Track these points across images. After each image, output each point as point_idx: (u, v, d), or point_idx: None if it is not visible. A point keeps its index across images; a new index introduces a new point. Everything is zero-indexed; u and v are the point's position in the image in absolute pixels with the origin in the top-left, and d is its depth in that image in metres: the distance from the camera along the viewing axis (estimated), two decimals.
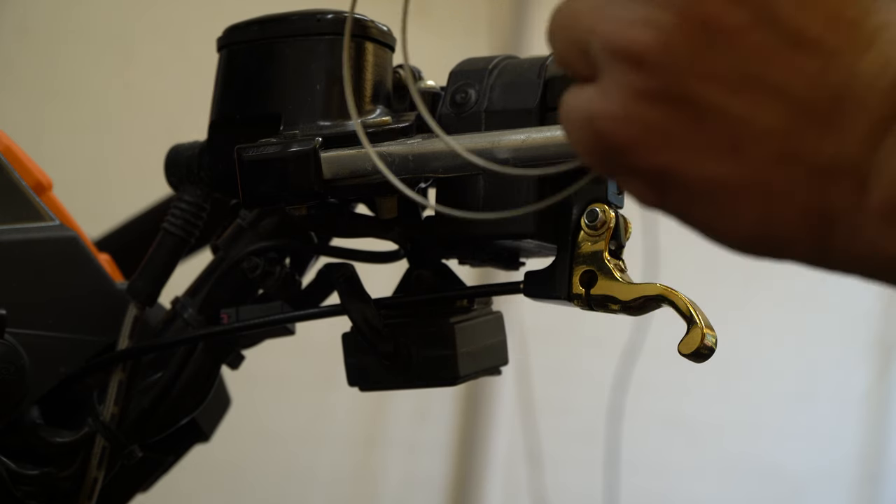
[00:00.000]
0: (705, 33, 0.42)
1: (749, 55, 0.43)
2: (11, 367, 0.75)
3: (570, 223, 0.69)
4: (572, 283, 0.69)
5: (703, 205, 0.45)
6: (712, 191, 0.44)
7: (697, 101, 0.43)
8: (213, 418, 0.86)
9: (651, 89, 0.43)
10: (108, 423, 0.79)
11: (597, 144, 0.45)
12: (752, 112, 0.43)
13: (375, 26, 0.74)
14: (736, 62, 0.43)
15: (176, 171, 0.81)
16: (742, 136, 0.43)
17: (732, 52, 0.43)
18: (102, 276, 0.82)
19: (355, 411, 2.74)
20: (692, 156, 0.44)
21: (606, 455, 2.70)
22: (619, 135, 0.44)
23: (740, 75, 0.43)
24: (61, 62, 2.37)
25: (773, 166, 0.43)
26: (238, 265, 0.78)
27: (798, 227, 0.44)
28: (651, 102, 0.43)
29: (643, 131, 0.44)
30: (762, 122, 0.43)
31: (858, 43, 0.42)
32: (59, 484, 0.79)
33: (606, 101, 0.44)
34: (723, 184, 0.44)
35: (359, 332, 0.74)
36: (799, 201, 0.43)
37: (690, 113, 0.43)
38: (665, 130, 0.44)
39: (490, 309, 0.79)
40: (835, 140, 0.43)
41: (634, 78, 0.43)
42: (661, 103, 0.43)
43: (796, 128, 0.43)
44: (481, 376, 0.77)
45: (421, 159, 0.67)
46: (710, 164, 0.44)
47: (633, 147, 0.44)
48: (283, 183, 0.70)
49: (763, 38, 0.42)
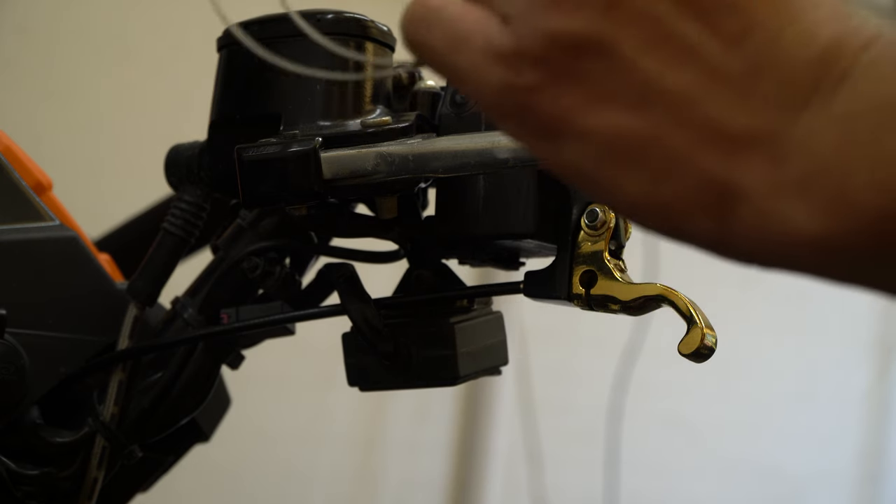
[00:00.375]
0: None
1: (670, 10, 0.41)
2: (11, 367, 0.75)
3: (570, 223, 0.69)
4: (572, 283, 0.69)
5: (595, 159, 0.43)
6: (606, 143, 0.42)
7: (610, 50, 0.41)
8: (213, 418, 0.86)
9: (565, 31, 0.42)
10: (108, 423, 0.79)
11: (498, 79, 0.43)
12: (662, 69, 0.41)
13: (376, 26, 0.74)
14: (654, 12, 0.41)
15: (176, 171, 0.81)
16: (648, 92, 0.41)
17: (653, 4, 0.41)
18: (102, 276, 0.82)
19: (355, 411, 2.74)
20: (594, 104, 0.42)
21: (606, 455, 2.70)
22: (526, 75, 0.42)
23: (656, 28, 0.41)
24: (61, 62, 2.37)
25: (674, 127, 0.41)
26: (238, 265, 0.78)
27: (694, 199, 0.42)
28: (564, 46, 0.42)
29: (551, 74, 0.42)
30: (671, 80, 0.41)
31: (785, 15, 0.41)
32: (59, 484, 0.79)
33: (519, 37, 0.42)
34: (618, 136, 0.42)
35: (359, 332, 0.74)
36: (698, 170, 0.41)
37: (602, 59, 0.42)
38: (573, 75, 0.42)
39: (490, 309, 0.79)
40: (748, 110, 0.41)
41: (551, 17, 0.42)
42: (573, 47, 0.42)
43: (706, 92, 0.41)
44: (481, 376, 0.77)
45: (421, 159, 0.67)
46: (610, 115, 0.42)
47: (536, 89, 0.42)
48: (283, 183, 0.70)
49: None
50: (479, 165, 0.65)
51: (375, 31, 0.74)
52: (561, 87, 0.42)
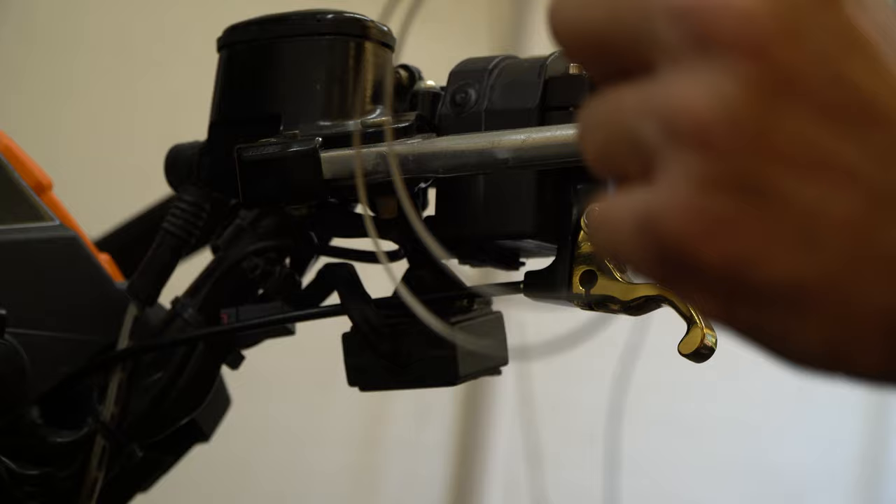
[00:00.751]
0: (775, 102, 0.37)
1: (820, 129, 0.37)
2: (11, 367, 0.75)
3: (570, 223, 0.69)
4: (572, 283, 0.69)
5: (775, 312, 0.38)
6: (785, 294, 0.38)
7: (767, 187, 0.37)
8: (213, 418, 0.86)
9: (719, 176, 0.37)
10: (108, 423, 0.79)
11: (657, 248, 0.39)
12: (826, 198, 0.37)
13: (375, 26, 0.74)
14: (806, 138, 0.37)
15: (176, 171, 0.80)
16: (816, 227, 0.37)
17: (803, 126, 0.37)
18: (102, 276, 0.82)
19: (355, 411, 2.74)
20: (761, 251, 0.38)
21: (606, 455, 2.70)
22: (684, 232, 0.38)
23: (809, 156, 0.37)
24: (62, 62, 2.37)
25: (850, 262, 0.37)
26: (238, 265, 0.78)
27: (872, 333, 0.38)
28: (718, 192, 0.37)
29: (710, 226, 0.38)
30: (837, 210, 0.37)
31: None
32: (59, 484, 0.79)
33: (670, 197, 0.38)
34: (797, 285, 0.38)
35: (359, 332, 0.74)
36: (876, 303, 0.38)
37: (760, 202, 0.37)
38: (733, 223, 0.37)
39: (490, 309, 0.79)
40: None
41: (700, 164, 0.37)
42: (729, 192, 0.37)
43: (872, 217, 0.37)
44: (481, 376, 0.77)
45: (421, 159, 0.67)
46: (783, 262, 0.38)
47: (699, 245, 0.38)
48: (284, 183, 0.70)
49: (832, 109, 0.37)
50: (478, 165, 0.65)
51: (375, 31, 0.74)
52: (724, 241, 0.38)
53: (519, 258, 0.77)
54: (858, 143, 0.37)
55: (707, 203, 0.37)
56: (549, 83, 0.69)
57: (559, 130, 0.62)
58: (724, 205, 0.37)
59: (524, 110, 0.69)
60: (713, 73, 0.37)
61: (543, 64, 0.70)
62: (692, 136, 0.37)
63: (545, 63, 0.70)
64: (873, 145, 0.37)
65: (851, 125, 0.37)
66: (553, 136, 0.62)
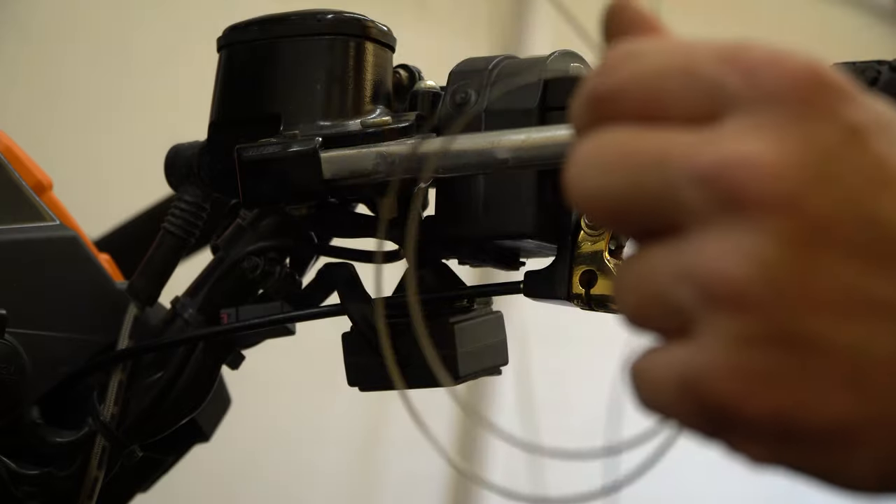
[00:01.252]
0: (810, 253, 0.37)
1: (855, 271, 0.37)
2: (11, 367, 0.75)
3: (570, 223, 0.69)
4: (572, 283, 0.69)
5: (825, 451, 0.38)
6: (835, 435, 0.37)
7: (807, 337, 0.37)
8: (213, 418, 0.86)
9: (758, 334, 0.37)
10: (108, 423, 0.79)
11: (701, 409, 0.38)
12: (868, 338, 0.37)
13: (376, 26, 0.74)
14: (843, 282, 0.37)
15: (176, 171, 0.80)
16: (861, 368, 0.37)
17: (838, 271, 0.37)
18: (102, 276, 0.82)
19: (355, 411, 2.74)
20: (808, 399, 0.37)
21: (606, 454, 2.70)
22: (727, 392, 0.37)
23: (847, 298, 0.37)
24: (61, 62, 2.37)
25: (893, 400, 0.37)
26: (238, 265, 0.78)
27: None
28: (759, 349, 0.37)
29: (753, 383, 0.37)
30: (880, 348, 0.37)
31: None
32: (59, 484, 0.79)
33: (708, 357, 0.37)
34: (846, 426, 0.37)
35: (359, 331, 0.74)
36: None
37: (801, 351, 0.37)
38: (776, 377, 0.37)
39: (490, 309, 0.79)
40: None
41: (738, 323, 0.37)
42: (769, 347, 0.37)
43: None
44: (481, 376, 0.77)
45: (421, 159, 0.67)
46: (831, 406, 0.37)
47: (743, 403, 0.37)
48: (284, 183, 0.70)
49: (866, 248, 0.37)
50: (478, 166, 0.65)
51: (376, 31, 0.74)
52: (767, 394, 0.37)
53: (519, 258, 0.77)
54: (891, 276, 0.37)
55: (748, 361, 0.37)
56: (549, 83, 0.69)
57: (559, 130, 0.62)
58: (766, 360, 0.37)
59: (524, 110, 0.69)
60: (745, 233, 0.36)
61: (543, 64, 0.70)
62: (729, 301, 0.37)
63: (545, 63, 0.70)
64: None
65: (886, 263, 0.37)
66: (553, 136, 0.62)
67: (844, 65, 0.60)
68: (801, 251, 0.36)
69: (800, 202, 0.36)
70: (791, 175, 0.36)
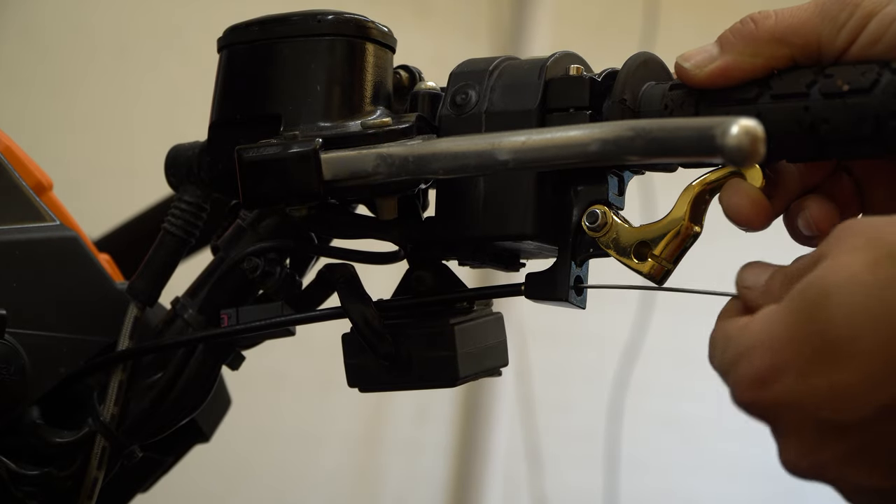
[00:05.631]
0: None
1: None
2: (11, 367, 0.75)
3: (571, 224, 0.69)
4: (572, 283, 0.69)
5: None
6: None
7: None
8: (213, 418, 0.86)
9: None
10: (108, 423, 0.79)
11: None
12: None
13: (376, 27, 0.74)
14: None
15: (176, 171, 0.80)
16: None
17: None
18: (102, 276, 0.82)
19: (355, 411, 2.74)
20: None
21: (606, 454, 2.70)
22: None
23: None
24: (62, 62, 2.37)
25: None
26: (238, 265, 0.78)
27: None
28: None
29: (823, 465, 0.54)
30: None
31: None
32: (59, 484, 0.79)
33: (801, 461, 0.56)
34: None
35: (359, 332, 0.74)
36: None
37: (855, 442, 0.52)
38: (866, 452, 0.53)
39: (490, 310, 0.79)
40: None
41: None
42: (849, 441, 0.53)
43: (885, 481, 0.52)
44: (481, 377, 0.77)
45: (421, 160, 0.67)
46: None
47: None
48: (284, 184, 0.70)
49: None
50: (478, 167, 0.65)
51: (376, 32, 0.74)
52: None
53: (519, 259, 0.77)
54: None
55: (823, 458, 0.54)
56: (550, 85, 0.69)
57: (559, 132, 0.62)
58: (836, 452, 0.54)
59: (524, 111, 0.69)
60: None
61: (544, 65, 0.70)
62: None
63: (545, 64, 0.70)
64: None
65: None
66: (553, 137, 0.62)
67: (845, 66, 0.60)
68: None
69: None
70: None
